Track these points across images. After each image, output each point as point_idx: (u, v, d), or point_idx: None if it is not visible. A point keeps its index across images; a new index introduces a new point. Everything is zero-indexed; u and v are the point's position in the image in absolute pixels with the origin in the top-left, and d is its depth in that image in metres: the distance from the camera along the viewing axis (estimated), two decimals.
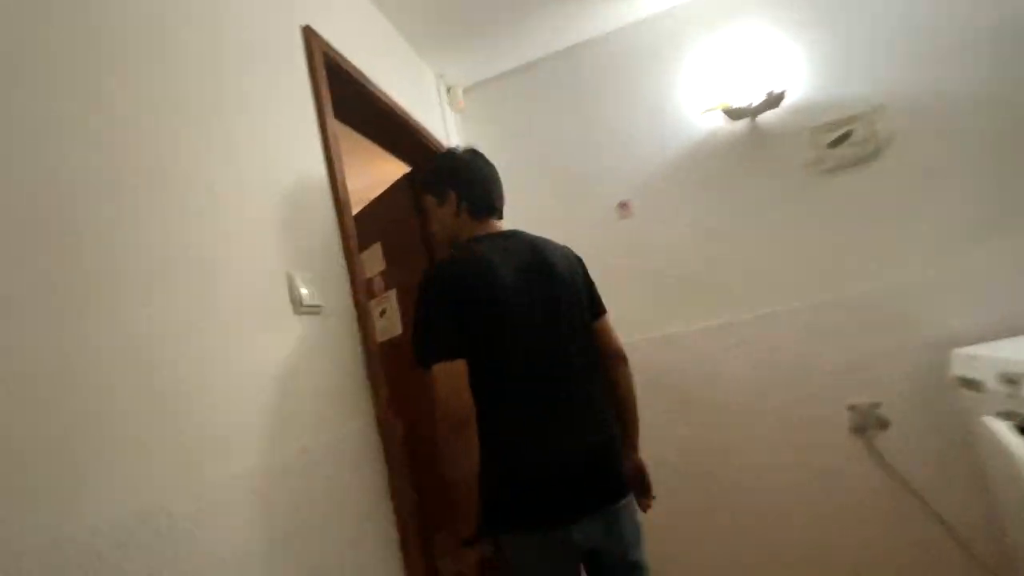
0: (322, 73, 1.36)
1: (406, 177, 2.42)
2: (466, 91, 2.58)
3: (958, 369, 1.72)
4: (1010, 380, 1.37)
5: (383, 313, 2.60)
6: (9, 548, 0.51)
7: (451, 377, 0.98)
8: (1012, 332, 1.75)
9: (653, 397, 2.08)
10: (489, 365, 1.02)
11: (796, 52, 2.14)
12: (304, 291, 1.07)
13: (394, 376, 1.51)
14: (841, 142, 2.06)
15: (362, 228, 2.66)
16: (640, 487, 1.23)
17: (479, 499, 0.97)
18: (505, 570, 1.01)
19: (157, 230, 0.80)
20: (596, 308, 1.25)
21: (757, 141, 2.19)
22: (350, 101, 1.65)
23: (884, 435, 1.95)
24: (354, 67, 1.56)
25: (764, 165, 2.19)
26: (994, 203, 1.89)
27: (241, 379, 0.89)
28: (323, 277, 1.17)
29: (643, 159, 2.35)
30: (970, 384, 1.62)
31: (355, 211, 1.53)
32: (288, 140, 1.19)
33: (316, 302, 1.11)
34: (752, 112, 2.15)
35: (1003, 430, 1.38)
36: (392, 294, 2.53)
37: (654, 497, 1.26)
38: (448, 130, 2.41)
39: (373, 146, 2.14)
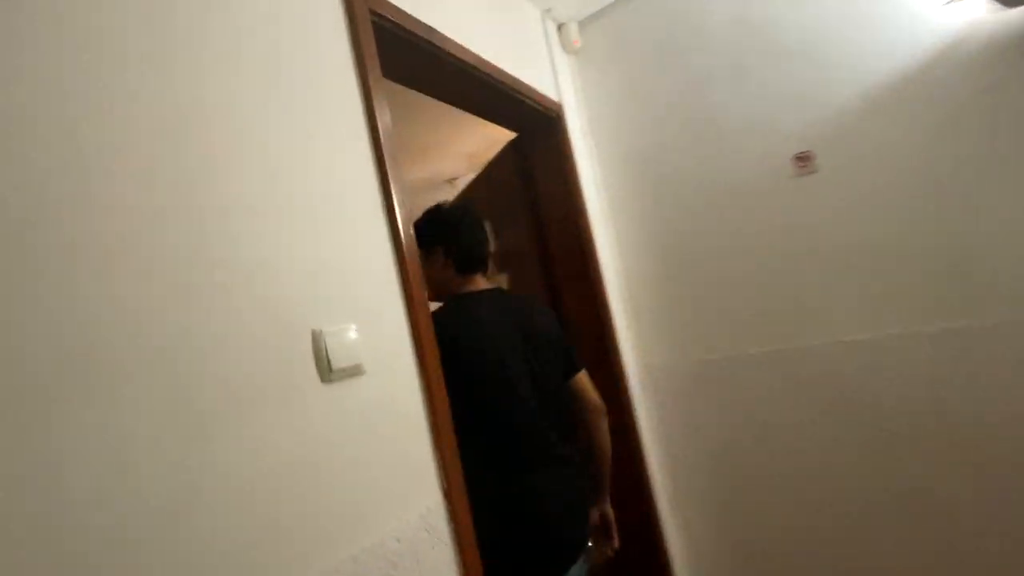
0: (370, 43, 1.03)
1: (511, 145, 2.04)
2: (581, 26, 2.06)
3: None
4: None
5: None
6: None
7: None
8: None
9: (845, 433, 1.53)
10: (470, 423, 1.04)
11: None
12: (337, 351, 0.80)
13: None
14: None
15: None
16: (606, 534, 1.29)
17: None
18: None
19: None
20: (572, 366, 1.28)
21: None
22: (421, 64, 1.31)
23: None
24: (418, 22, 1.19)
25: None
26: None
27: (240, 485, 0.66)
28: (369, 324, 0.89)
29: (834, 88, 1.62)
30: None
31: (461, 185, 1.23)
32: (318, 139, 0.90)
33: (355, 360, 0.83)
34: None
35: None
36: (503, 280, 2.24)
37: (616, 547, 1.29)
38: (559, 80, 1.95)
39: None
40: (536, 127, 1.90)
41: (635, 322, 2.02)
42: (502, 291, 1.29)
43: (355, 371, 0.84)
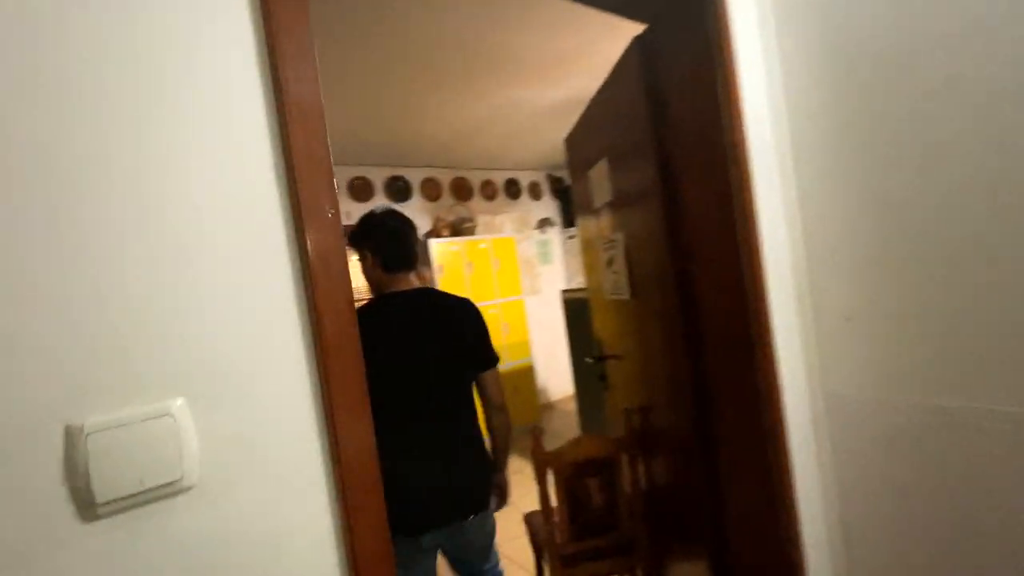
0: None
1: (636, 41, 1.38)
2: None
3: None
4: None
5: (610, 263, 1.79)
6: None
7: None
8: None
9: None
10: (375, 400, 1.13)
11: None
12: (119, 459, 0.45)
13: None
14: None
15: (582, 140, 1.85)
16: (500, 498, 1.56)
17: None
18: None
19: None
20: (481, 363, 1.44)
21: None
22: None
23: None
24: None
25: None
26: None
27: None
28: (225, 396, 0.52)
29: None
30: None
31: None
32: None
33: (166, 472, 0.48)
34: None
35: None
36: (620, 238, 1.67)
37: (507, 504, 1.58)
38: None
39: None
40: (672, 8, 1.21)
41: (814, 328, 1.30)
42: (426, 291, 1.41)
43: (163, 492, 0.48)
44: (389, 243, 1.36)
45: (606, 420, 2.15)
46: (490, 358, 1.46)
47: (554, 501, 1.67)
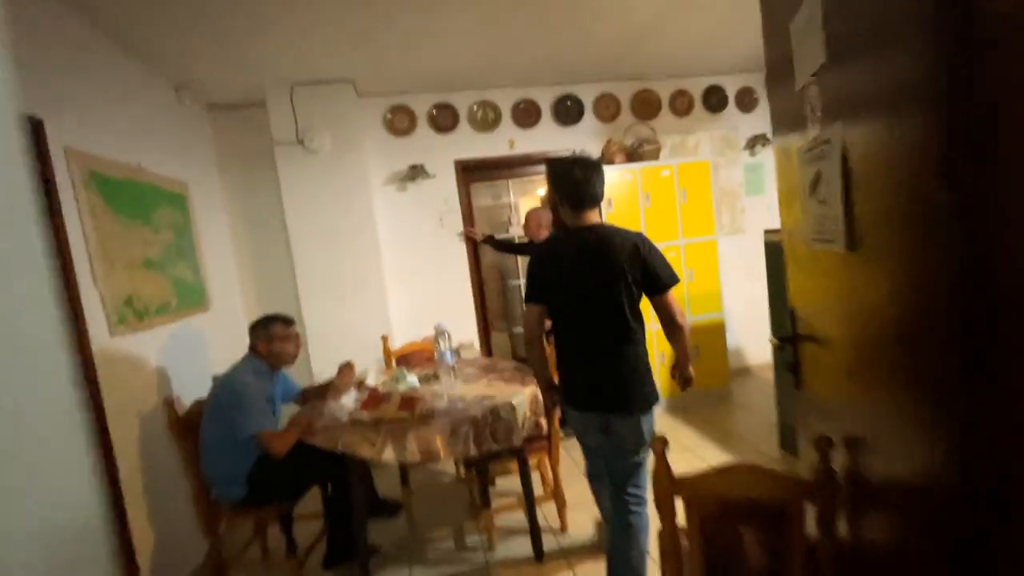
0: None
1: None
2: None
3: None
4: None
5: (815, 185, 1.05)
6: None
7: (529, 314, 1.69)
8: None
9: None
10: (551, 313, 1.68)
11: None
12: None
13: None
14: None
15: None
16: (683, 379, 1.71)
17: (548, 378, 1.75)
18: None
19: None
20: (657, 286, 1.59)
21: None
22: None
23: None
24: None
25: None
26: None
27: None
28: None
29: None
30: None
31: None
32: None
33: None
34: None
35: None
36: (836, 138, 0.91)
37: (689, 384, 1.73)
38: None
39: None
40: None
41: None
42: (596, 227, 1.62)
43: None
44: (575, 191, 1.60)
45: (798, 425, 1.41)
46: (660, 285, 1.59)
47: (685, 545, 1.13)
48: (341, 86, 3.14)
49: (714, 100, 3.97)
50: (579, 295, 1.57)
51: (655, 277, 1.57)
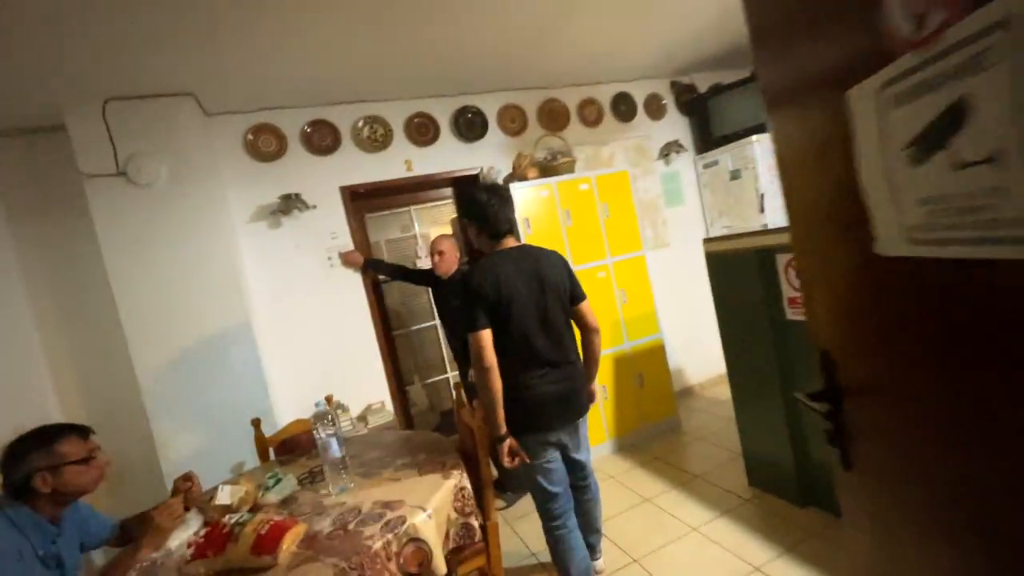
0: None
1: None
2: None
3: None
4: None
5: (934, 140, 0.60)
6: None
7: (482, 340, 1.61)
8: None
9: None
10: (504, 343, 1.64)
11: None
12: None
13: None
14: None
15: None
16: (591, 401, 1.85)
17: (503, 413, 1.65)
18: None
19: None
20: (578, 296, 1.78)
21: None
22: None
23: None
24: None
25: None
26: None
27: None
28: None
29: None
30: None
31: None
32: None
33: None
34: None
35: None
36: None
37: (592, 401, 1.87)
38: None
39: None
40: None
41: None
42: (524, 247, 1.74)
43: None
44: (492, 220, 1.69)
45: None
46: (581, 294, 1.79)
47: None
48: (177, 101, 2.45)
49: (623, 108, 3.74)
50: (539, 309, 1.65)
51: (577, 288, 1.79)
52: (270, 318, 2.82)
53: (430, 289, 3.13)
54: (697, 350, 3.95)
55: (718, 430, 3.20)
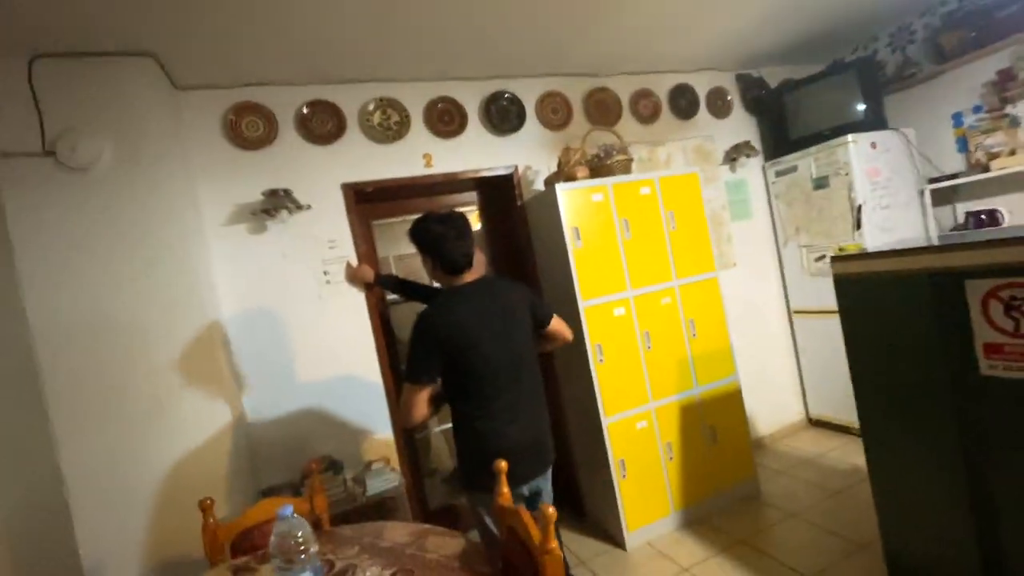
0: None
1: None
2: None
3: None
4: None
5: None
6: None
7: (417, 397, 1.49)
8: None
9: None
10: (461, 380, 1.52)
11: None
12: None
13: None
14: None
15: None
16: None
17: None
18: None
19: None
20: (543, 320, 1.68)
21: None
22: None
23: None
24: None
25: None
26: None
27: None
28: None
29: None
30: None
31: None
32: None
33: None
34: None
35: None
36: None
37: None
38: None
39: None
40: None
41: None
42: (484, 281, 1.59)
43: None
44: (447, 254, 1.54)
45: None
46: (548, 311, 1.71)
47: None
48: (133, 64, 1.87)
49: (683, 103, 3.14)
50: (506, 350, 1.52)
51: (541, 309, 1.68)
52: (243, 350, 2.18)
53: None
54: (767, 393, 3.27)
55: (813, 502, 2.49)
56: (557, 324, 1.71)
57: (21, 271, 1.73)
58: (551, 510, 1.02)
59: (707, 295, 2.61)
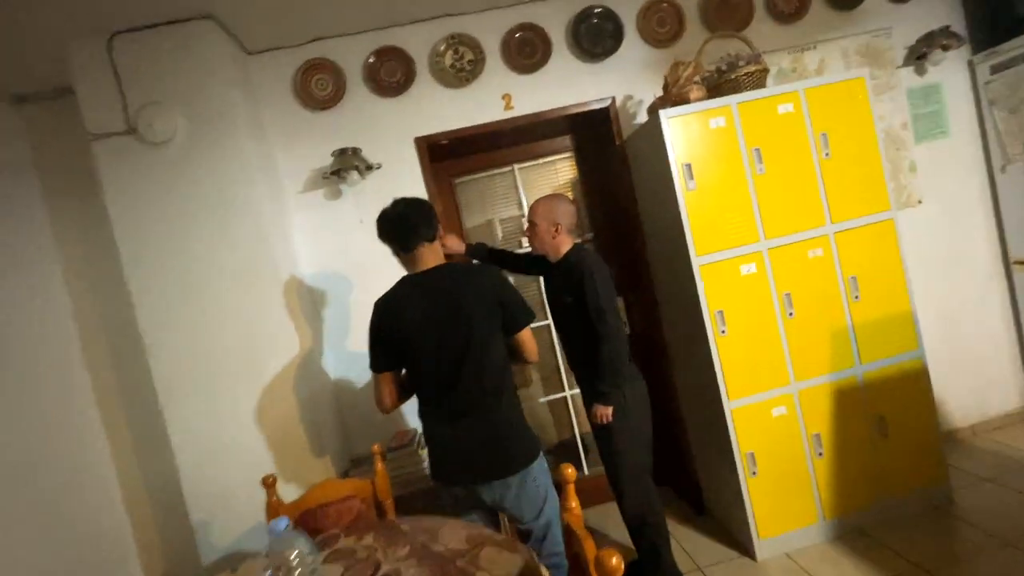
0: None
1: None
2: None
3: None
4: None
5: None
6: None
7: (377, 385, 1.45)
8: None
9: None
10: (409, 372, 1.45)
11: None
12: None
13: None
14: None
15: None
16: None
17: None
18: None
19: None
20: (513, 324, 1.44)
21: None
22: None
23: None
24: None
25: None
26: None
27: None
28: None
29: None
30: None
31: None
32: None
33: None
34: None
35: None
36: None
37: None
38: None
39: None
40: None
41: None
42: (441, 269, 1.44)
43: None
44: (392, 229, 1.45)
45: None
46: (524, 319, 1.46)
47: None
48: (195, 28, 1.82)
49: None
50: (451, 347, 1.37)
51: (518, 312, 1.45)
52: (327, 328, 2.13)
53: (541, 278, 2.22)
54: (966, 372, 2.46)
55: None
56: (525, 337, 1.48)
57: (122, 259, 1.80)
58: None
59: (878, 244, 1.95)
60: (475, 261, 2.01)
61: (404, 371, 1.47)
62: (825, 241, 1.92)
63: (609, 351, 1.66)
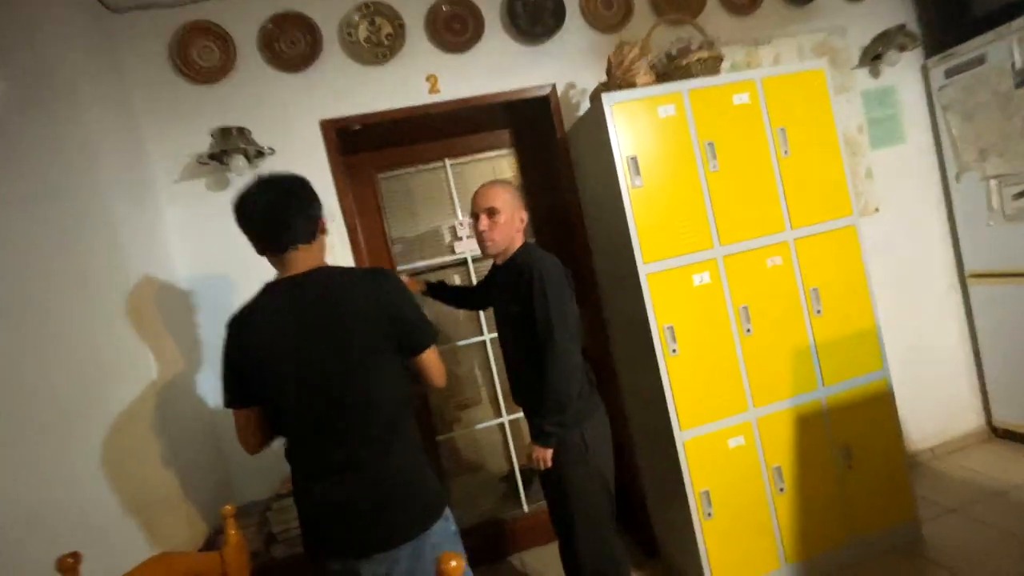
0: None
1: None
2: None
3: None
4: None
5: None
6: None
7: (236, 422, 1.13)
8: None
9: None
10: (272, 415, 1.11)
11: None
12: None
13: None
14: None
15: None
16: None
17: None
18: None
19: None
20: (413, 345, 1.14)
21: None
22: None
23: None
24: None
25: None
26: None
27: None
28: None
29: None
30: None
31: None
32: None
33: None
34: None
35: None
36: None
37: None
38: None
39: None
40: None
41: None
42: (316, 274, 1.10)
43: None
44: (252, 222, 1.10)
45: None
46: (426, 339, 1.16)
47: None
48: None
49: None
50: (321, 379, 1.04)
51: (416, 331, 1.14)
52: (205, 343, 1.74)
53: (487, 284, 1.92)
54: (926, 391, 2.33)
55: (1007, 563, 1.61)
56: (429, 360, 1.17)
57: None
58: None
59: (840, 252, 1.76)
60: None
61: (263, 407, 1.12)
62: (785, 248, 1.71)
63: (556, 378, 1.32)
